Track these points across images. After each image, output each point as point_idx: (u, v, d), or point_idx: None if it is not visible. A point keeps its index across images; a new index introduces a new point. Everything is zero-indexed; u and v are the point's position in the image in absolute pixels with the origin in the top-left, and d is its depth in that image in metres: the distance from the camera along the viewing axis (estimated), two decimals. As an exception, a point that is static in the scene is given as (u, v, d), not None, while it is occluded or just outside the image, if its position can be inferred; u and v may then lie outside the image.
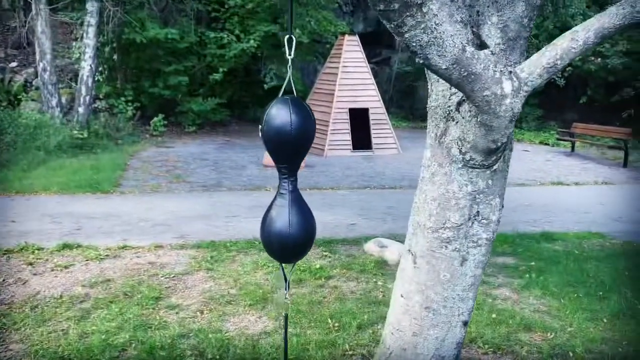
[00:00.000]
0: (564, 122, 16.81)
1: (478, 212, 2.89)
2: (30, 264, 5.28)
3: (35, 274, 5.04)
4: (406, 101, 20.80)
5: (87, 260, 5.45)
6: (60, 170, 9.96)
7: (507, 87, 2.46)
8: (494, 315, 4.62)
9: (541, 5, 2.74)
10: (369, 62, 14.63)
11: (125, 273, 5.16)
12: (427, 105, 3.04)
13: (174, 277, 5.15)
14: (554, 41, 2.59)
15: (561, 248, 6.63)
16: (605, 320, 4.66)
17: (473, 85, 2.42)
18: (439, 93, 2.91)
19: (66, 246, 5.75)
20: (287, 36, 2.04)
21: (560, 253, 6.42)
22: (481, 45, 2.74)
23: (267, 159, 11.46)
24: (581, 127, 14.62)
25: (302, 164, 11.34)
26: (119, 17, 13.90)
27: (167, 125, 15.16)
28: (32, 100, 14.07)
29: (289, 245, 2.04)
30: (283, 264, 2.23)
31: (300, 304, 4.64)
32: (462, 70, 2.37)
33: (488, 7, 2.77)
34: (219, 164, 11.47)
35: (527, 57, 2.73)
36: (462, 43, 2.37)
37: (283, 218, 2.02)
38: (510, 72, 2.51)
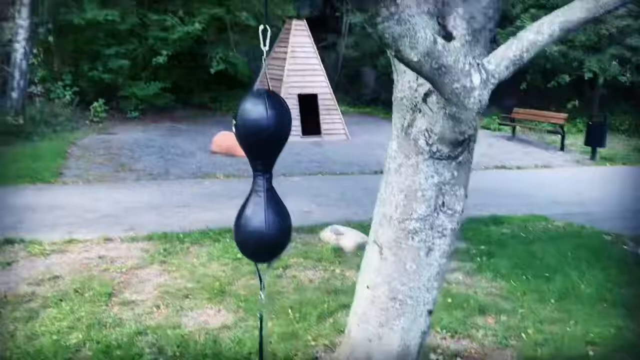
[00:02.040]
0: (504, 108, 17.33)
1: (443, 202, 2.91)
2: (-31, 262, 4.96)
3: (-26, 273, 4.75)
4: (353, 86, 20.87)
5: (31, 256, 5.18)
6: (-6, 159, 9.41)
7: (476, 79, 2.48)
8: (449, 300, 4.72)
9: None
10: (318, 47, 14.53)
11: (74, 269, 4.94)
12: (393, 96, 3.03)
13: (126, 271, 4.97)
14: (520, 33, 2.62)
15: (508, 231, 6.86)
16: (553, 301, 4.86)
17: (443, 78, 2.42)
18: (405, 84, 2.89)
19: (7, 241, 5.44)
20: (262, 27, 1.96)
21: (508, 236, 6.65)
22: (447, 37, 2.74)
23: (216, 145, 11.22)
24: (521, 112, 15.15)
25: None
26: (55, -3, 13.19)
27: (108, 111, 14.55)
28: (-41, 84, 13.18)
29: (265, 245, 1.99)
30: (258, 264, 2.17)
31: (259, 294, 4.58)
32: (434, 62, 2.36)
33: (453, -2, 2.77)
34: (165, 151, 11.14)
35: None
36: (433, 35, 2.36)
37: (259, 217, 1.96)
38: (479, 64, 2.52)
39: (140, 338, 3.84)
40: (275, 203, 2.03)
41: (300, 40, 13.44)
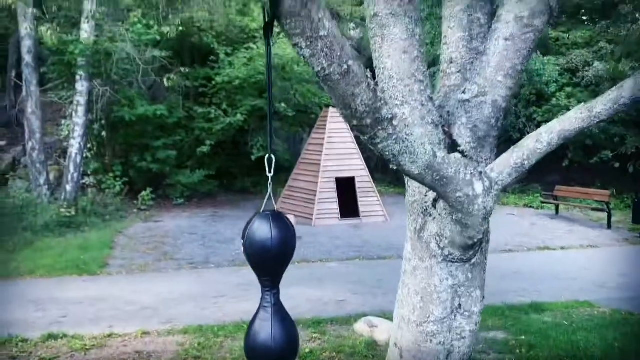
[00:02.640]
0: (547, 185, 17.11)
1: (460, 304, 2.94)
2: (14, 358, 5.17)
3: (18, 369, 4.94)
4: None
5: (72, 351, 5.35)
6: (46, 251, 9.88)
7: (479, 188, 2.59)
8: (486, 397, 4.56)
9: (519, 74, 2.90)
10: (353, 130, 14.97)
11: (111, 364, 5.07)
12: (405, 200, 3.16)
13: (161, 366, 5.06)
14: (521, 142, 2.74)
15: (550, 319, 6.62)
16: (598, 398, 4.62)
17: (446, 188, 2.55)
18: (415, 189, 3.03)
19: (51, 336, 5.65)
20: (267, 156, 2.16)
21: (550, 325, 6.41)
22: (453, 145, 2.89)
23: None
24: (564, 189, 14.90)
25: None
26: (108, 96, 14.24)
27: (155, 199, 15.21)
28: (20, 178, 14.14)
29: (272, 358, 2.08)
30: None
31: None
32: (434, 174, 2.50)
33: (457, 108, 2.94)
34: (207, 238, 11.45)
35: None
36: (432, 149, 2.51)
37: (266, 331, 2.06)
38: (481, 172, 2.64)
39: None
40: (281, 318, 2.13)
41: (336, 126, 13.91)
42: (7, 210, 11.40)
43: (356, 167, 13.95)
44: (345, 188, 13.68)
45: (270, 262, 2.09)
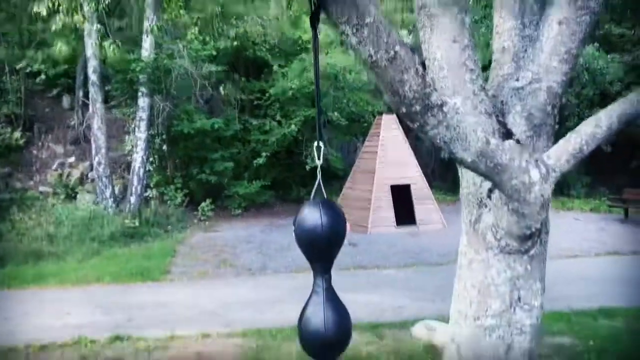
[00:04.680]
0: (614, 188, 16.33)
1: (519, 297, 2.85)
2: (84, 357, 5.41)
3: (87, 368, 5.16)
4: (449, 174, 20.75)
5: (137, 352, 5.54)
6: (112, 259, 10.31)
7: (535, 175, 2.51)
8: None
9: (571, 79, 2.81)
10: (409, 137, 14.84)
11: (173, 365, 5.21)
12: (460, 192, 3.10)
13: (220, 367, 5.16)
14: (578, 127, 2.64)
15: (621, 325, 6.29)
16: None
17: (501, 176, 2.49)
18: (469, 180, 2.97)
19: (117, 338, 5.88)
20: (316, 144, 2.18)
21: (621, 330, 6.09)
22: (507, 134, 2.81)
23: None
24: (633, 192, 14.18)
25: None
26: (168, 111, 14.78)
27: (214, 210, 15.57)
28: (88, 192, 14.84)
29: (325, 343, 2.08)
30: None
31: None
32: (488, 162, 2.45)
33: (511, 97, 2.87)
34: (264, 246, 11.61)
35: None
36: (485, 136, 2.46)
37: (318, 316, 2.08)
38: (537, 159, 2.56)
39: None
40: (334, 302, 2.14)
41: (390, 134, 13.84)
42: (76, 222, 11.97)
43: (412, 175, 13.80)
44: (401, 196, 13.54)
45: (320, 248, 2.10)
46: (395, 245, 11.58)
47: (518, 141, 2.74)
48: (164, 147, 15.58)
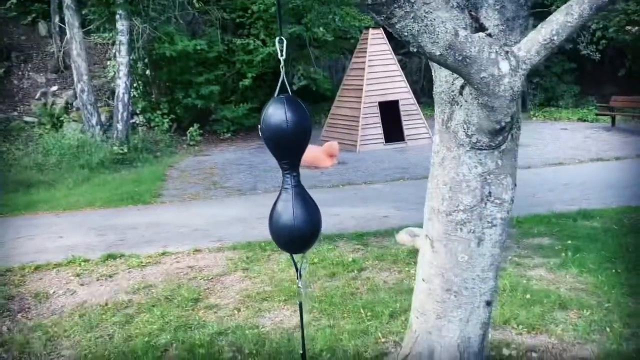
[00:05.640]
0: (603, 97, 16.31)
1: (490, 192, 2.92)
2: (78, 275, 5.57)
3: (82, 285, 5.33)
4: (438, 90, 20.58)
5: (129, 268, 5.71)
6: (103, 185, 10.38)
7: (504, 67, 2.50)
8: (528, 296, 4.60)
9: None
10: (397, 54, 14.58)
11: (166, 278, 5.39)
12: (433, 92, 3.10)
13: (212, 278, 5.34)
14: (550, 17, 2.60)
15: (599, 225, 6.50)
16: (645, 294, 4.57)
17: (469, 69, 2.47)
18: (442, 79, 2.96)
19: (110, 257, 6.03)
20: (277, 38, 2.15)
21: (599, 230, 6.30)
22: (480, 28, 2.78)
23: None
24: (621, 100, 14.19)
25: (331, 162, 11.35)
26: (148, 33, 14.35)
27: (202, 134, 15.53)
28: (74, 121, 14.69)
29: (294, 237, 2.15)
30: (294, 254, 2.35)
31: (333, 296, 4.74)
32: (457, 54, 2.42)
33: (484, -11, 2.80)
34: (254, 168, 11.70)
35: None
36: (454, 28, 2.42)
37: (288, 212, 2.13)
38: (507, 51, 2.54)
39: (221, 338, 4.14)
40: (302, 199, 2.19)
41: (378, 48, 13.57)
42: (64, 150, 11.94)
43: (400, 90, 13.67)
44: (390, 112, 13.49)
45: (286, 144, 2.13)
46: (383, 161, 11.68)
47: (490, 35, 2.71)
48: (147, 71, 15.27)
